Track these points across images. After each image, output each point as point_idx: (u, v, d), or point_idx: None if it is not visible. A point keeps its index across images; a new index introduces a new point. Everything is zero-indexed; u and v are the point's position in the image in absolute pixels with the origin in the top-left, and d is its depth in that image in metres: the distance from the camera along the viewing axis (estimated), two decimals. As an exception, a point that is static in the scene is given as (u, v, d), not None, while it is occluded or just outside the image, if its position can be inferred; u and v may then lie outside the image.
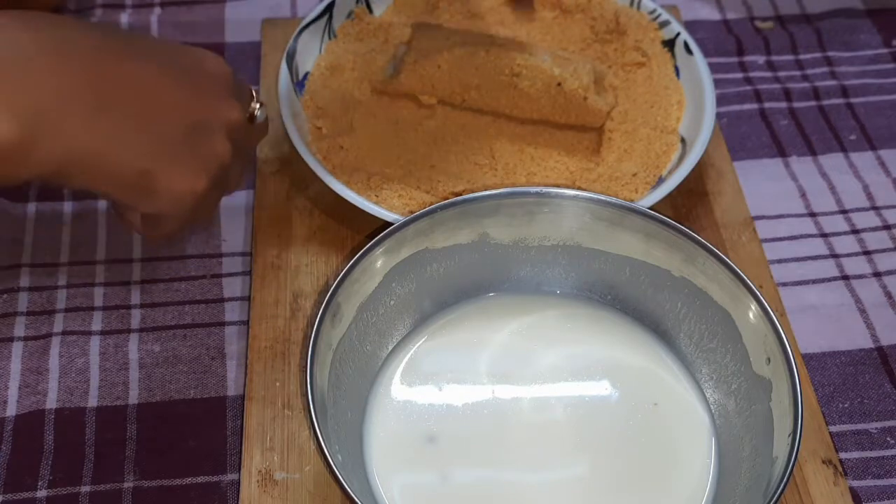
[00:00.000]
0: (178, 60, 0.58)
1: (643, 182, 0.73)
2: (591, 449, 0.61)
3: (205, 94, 0.58)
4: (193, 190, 0.57)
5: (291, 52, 0.77)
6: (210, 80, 0.59)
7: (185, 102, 0.57)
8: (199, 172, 0.57)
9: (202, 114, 0.58)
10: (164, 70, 0.57)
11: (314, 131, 0.75)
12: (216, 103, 0.58)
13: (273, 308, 0.70)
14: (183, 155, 0.56)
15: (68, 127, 0.52)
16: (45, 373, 0.68)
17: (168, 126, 0.56)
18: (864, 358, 0.70)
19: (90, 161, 0.53)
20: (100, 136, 0.53)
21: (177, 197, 0.57)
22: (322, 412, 0.56)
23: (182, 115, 0.56)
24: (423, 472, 0.60)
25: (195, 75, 0.58)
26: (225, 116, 0.58)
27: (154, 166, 0.55)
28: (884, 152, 0.81)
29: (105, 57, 0.54)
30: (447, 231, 0.64)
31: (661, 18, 0.82)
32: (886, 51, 0.88)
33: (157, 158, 0.55)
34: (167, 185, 0.56)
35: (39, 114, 0.51)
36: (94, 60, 0.54)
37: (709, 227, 0.75)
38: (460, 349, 0.65)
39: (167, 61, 0.57)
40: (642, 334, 0.66)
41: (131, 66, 0.55)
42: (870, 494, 0.64)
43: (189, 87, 0.57)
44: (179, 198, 0.57)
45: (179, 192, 0.57)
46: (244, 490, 0.62)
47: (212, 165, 0.58)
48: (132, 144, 0.54)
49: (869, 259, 0.75)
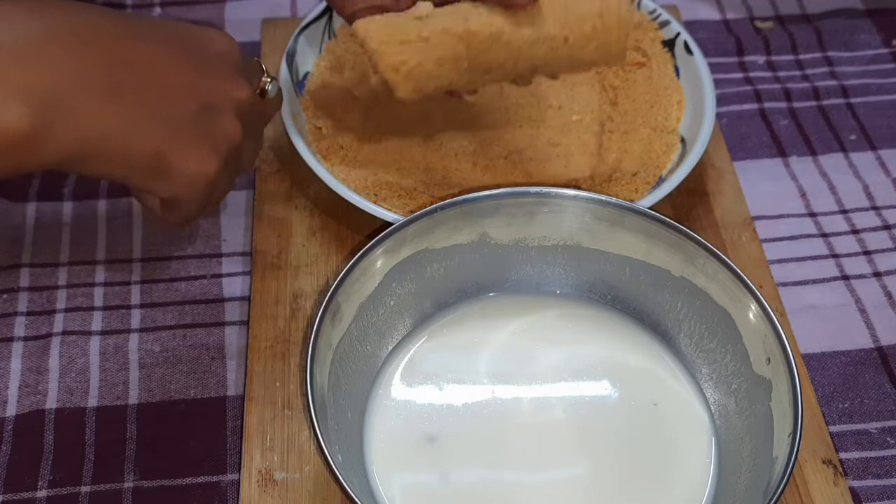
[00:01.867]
0: (187, 40, 0.58)
1: (643, 182, 0.73)
2: (591, 449, 0.61)
3: (213, 74, 0.58)
4: (207, 171, 0.57)
5: (291, 52, 0.77)
6: (218, 59, 0.59)
7: (195, 83, 0.57)
8: (211, 153, 0.57)
9: (211, 94, 0.58)
10: (173, 52, 0.57)
11: (314, 131, 0.75)
12: (224, 83, 0.58)
13: (273, 308, 0.70)
14: (195, 136, 0.56)
15: (81, 113, 0.52)
16: (45, 373, 0.68)
17: (179, 108, 0.56)
18: (864, 358, 0.70)
19: (105, 146, 0.54)
20: (113, 121, 0.53)
21: (191, 178, 0.57)
22: (322, 412, 0.56)
23: (192, 97, 0.57)
24: (423, 472, 0.60)
25: (203, 55, 0.58)
26: (234, 95, 0.59)
27: (167, 149, 0.55)
28: (884, 152, 0.81)
29: (113, 41, 0.55)
30: (447, 231, 0.64)
31: (660, 18, 0.82)
32: (886, 51, 0.88)
33: (169, 141, 0.55)
34: (181, 168, 0.56)
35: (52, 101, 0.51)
36: (103, 45, 0.54)
37: (709, 227, 0.75)
38: (460, 349, 0.65)
39: (176, 42, 0.58)
40: (642, 334, 0.66)
41: (140, 49, 0.55)
42: (870, 494, 0.64)
43: (197, 68, 0.57)
44: (194, 179, 0.57)
45: (193, 173, 0.57)
46: (244, 490, 0.62)
47: (223, 146, 0.58)
48: (145, 128, 0.54)
49: (869, 259, 0.75)
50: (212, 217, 0.75)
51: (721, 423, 0.62)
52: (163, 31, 0.58)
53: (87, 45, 0.53)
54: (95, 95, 0.53)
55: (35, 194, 0.77)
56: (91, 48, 0.53)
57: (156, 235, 0.74)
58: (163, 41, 0.57)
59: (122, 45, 0.55)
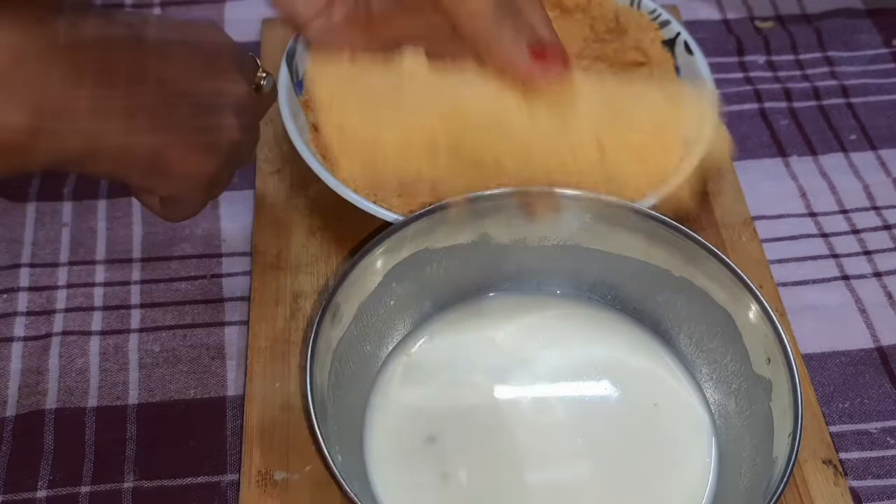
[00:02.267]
0: (181, 38, 0.58)
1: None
2: (591, 449, 0.61)
3: (209, 71, 0.58)
4: (206, 169, 0.57)
5: (291, 52, 0.77)
6: (213, 55, 0.58)
7: (192, 82, 0.57)
8: (210, 151, 0.57)
9: (209, 92, 0.57)
10: (168, 51, 0.57)
11: (314, 131, 0.75)
12: (222, 80, 0.58)
13: (273, 308, 0.70)
14: (194, 135, 0.56)
15: (80, 115, 0.52)
16: (45, 373, 0.67)
17: (177, 107, 0.56)
18: (864, 358, 0.70)
19: (104, 147, 0.53)
20: (112, 122, 0.53)
21: (191, 177, 0.57)
22: (322, 412, 0.56)
23: (188, 95, 0.56)
24: (423, 472, 0.60)
25: (198, 52, 0.58)
26: (230, 92, 0.58)
27: (166, 148, 0.55)
28: (884, 152, 0.81)
29: (107, 44, 0.54)
30: (447, 231, 0.64)
31: (661, 18, 0.81)
32: (887, 51, 0.88)
33: (169, 140, 0.55)
34: (180, 166, 0.56)
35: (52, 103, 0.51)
36: (97, 49, 0.54)
37: (709, 227, 0.75)
38: (460, 349, 0.65)
39: (170, 40, 0.57)
40: (642, 334, 0.66)
41: (134, 51, 0.55)
42: (870, 495, 0.64)
43: (193, 66, 0.57)
44: (194, 178, 0.57)
45: (193, 172, 0.57)
46: (244, 491, 0.62)
47: (222, 143, 0.58)
48: (144, 128, 0.54)
49: (869, 259, 0.75)
50: (211, 219, 0.75)
51: (721, 423, 0.62)
52: (158, 30, 0.58)
53: (81, 52, 0.53)
54: (95, 97, 0.53)
55: (35, 194, 0.77)
56: (85, 54, 0.53)
57: (156, 235, 0.74)
58: (160, 41, 0.57)
59: (116, 48, 0.54)
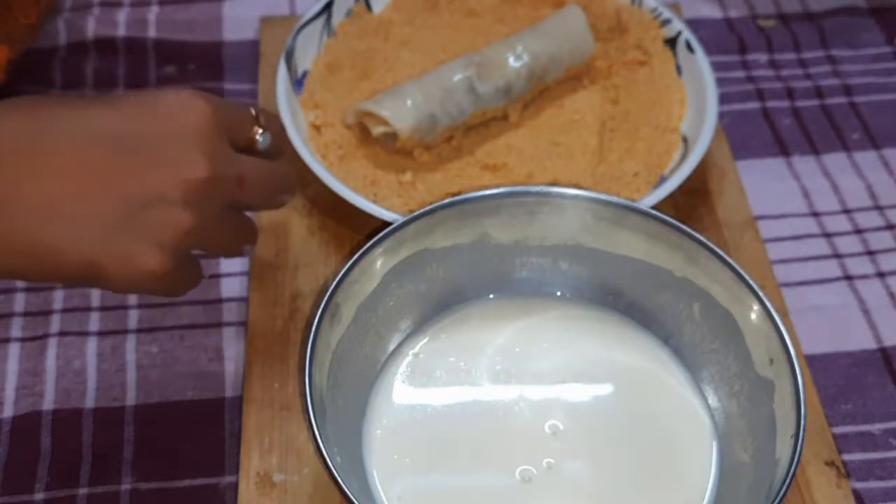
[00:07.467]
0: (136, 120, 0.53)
1: (645, 181, 0.73)
2: (592, 451, 0.61)
3: (153, 159, 0.53)
4: (150, 269, 0.52)
5: (290, 51, 0.77)
6: (175, 135, 0.53)
7: (127, 179, 0.52)
8: (152, 250, 0.52)
9: (151, 184, 0.52)
10: (105, 147, 0.52)
11: (312, 130, 0.75)
12: (170, 167, 0.53)
13: (271, 309, 0.69)
14: (130, 235, 0.52)
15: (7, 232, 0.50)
16: (42, 374, 0.67)
17: (110, 210, 0.52)
18: (867, 359, 0.69)
19: (34, 263, 0.51)
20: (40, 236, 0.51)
21: (135, 279, 0.53)
22: (321, 413, 0.56)
23: (124, 194, 0.52)
24: (423, 473, 0.60)
25: (145, 139, 0.53)
26: (180, 178, 0.52)
27: (99, 256, 0.52)
28: (887, 151, 0.81)
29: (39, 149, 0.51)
30: (447, 231, 0.63)
31: (662, 17, 0.81)
32: (889, 49, 0.88)
33: (102, 247, 0.52)
34: (119, 272, 0.52)
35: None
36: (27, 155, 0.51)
37: (711, 227, 0.74)
38: (461, 351, 0.65)
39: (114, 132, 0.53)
40: (644, 336, 0.65)
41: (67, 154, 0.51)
42: (873, 496, 0.63)
43: (131, 158, 0.52)
44: (138, 280, 0.53)
45: (136, 273, 0.53)
46: (242, 492, 0.62)
47: (169, 238, 0.52)
48: (73, 238, 0.51)
49: (872, 259, 0.74)
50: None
51: (723, 424, 0.62)
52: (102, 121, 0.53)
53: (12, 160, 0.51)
54: (21, 212, 0.50)
55: (32, 194, 0.76)
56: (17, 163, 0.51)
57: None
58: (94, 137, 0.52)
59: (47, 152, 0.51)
